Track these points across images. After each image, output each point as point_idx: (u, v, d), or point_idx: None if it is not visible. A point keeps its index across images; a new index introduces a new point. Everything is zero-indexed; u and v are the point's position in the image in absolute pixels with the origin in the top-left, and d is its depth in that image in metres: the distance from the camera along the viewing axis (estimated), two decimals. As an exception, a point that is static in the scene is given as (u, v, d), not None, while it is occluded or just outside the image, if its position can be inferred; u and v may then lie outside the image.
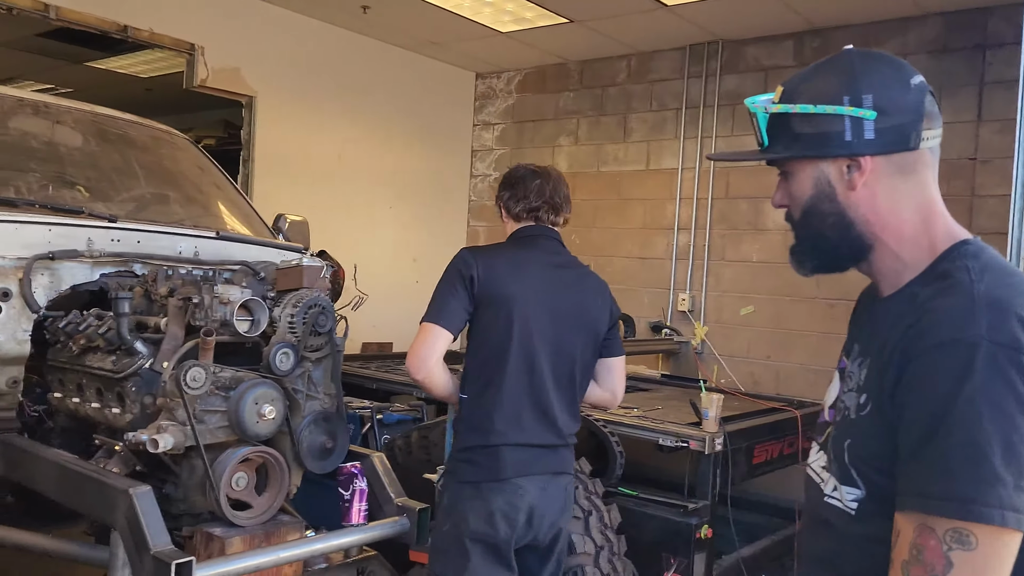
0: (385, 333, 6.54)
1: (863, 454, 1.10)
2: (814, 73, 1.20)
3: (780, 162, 1.22)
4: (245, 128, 5.58)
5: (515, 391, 2.31)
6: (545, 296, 2.37)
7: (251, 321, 2.35)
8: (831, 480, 1.17)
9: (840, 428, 1.16)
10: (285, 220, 3.63)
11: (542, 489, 2.31)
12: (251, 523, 2.25)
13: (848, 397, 1.16)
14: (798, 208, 1.21)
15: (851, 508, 1.12)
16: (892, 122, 1.13)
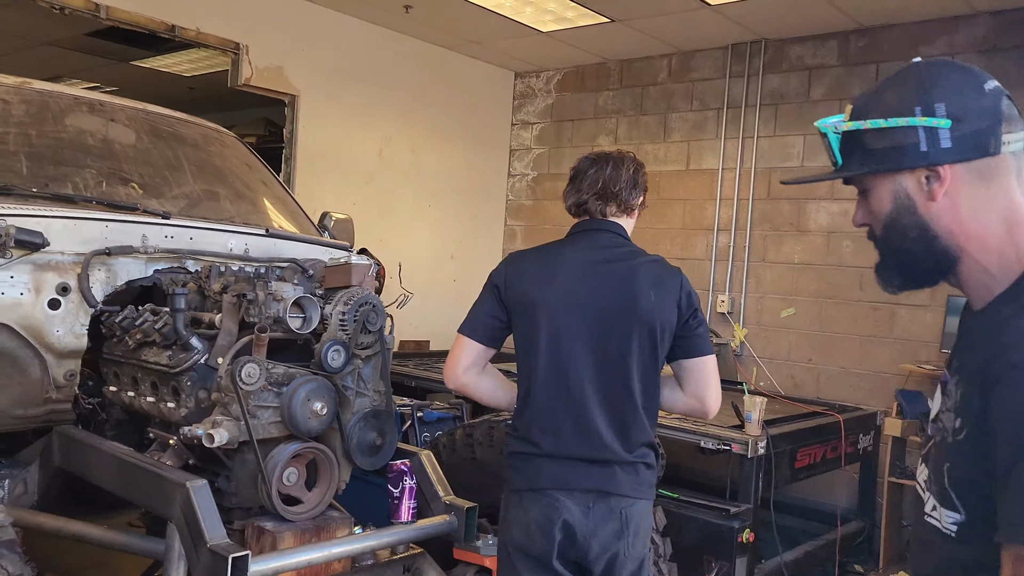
0: (423, 331, 6.57)
1: (961, 478, 1.07)
2: (883, 88, 1.18)
3: (857, 180, 1.20)
4: (288, 126, 5.63)
5: (548, 400, 2.18)
6: (580, 296, 2.19)
7: (303, 318, 2.37)
8: (931, 499, 1.14)
9: (939, 449, 1.13)
10: (331, 218, 3.66)
11: (586, 508, 2.12)
12: (301, 518, 2.27)
13: (946, 417, 1.12)
14: (879, 224, 1.19)
15: (951, 530, 1.09)
16: (968, 129, 1.10)
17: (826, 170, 1.27)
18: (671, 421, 3.97)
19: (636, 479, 2.16)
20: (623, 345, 2.15)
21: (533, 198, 7.06)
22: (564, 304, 2.19)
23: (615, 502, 2.13)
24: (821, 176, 1.26)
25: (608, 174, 2.29)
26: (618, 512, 2.13)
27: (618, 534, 2.12)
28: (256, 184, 3.43)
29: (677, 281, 2.22)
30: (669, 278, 2.22)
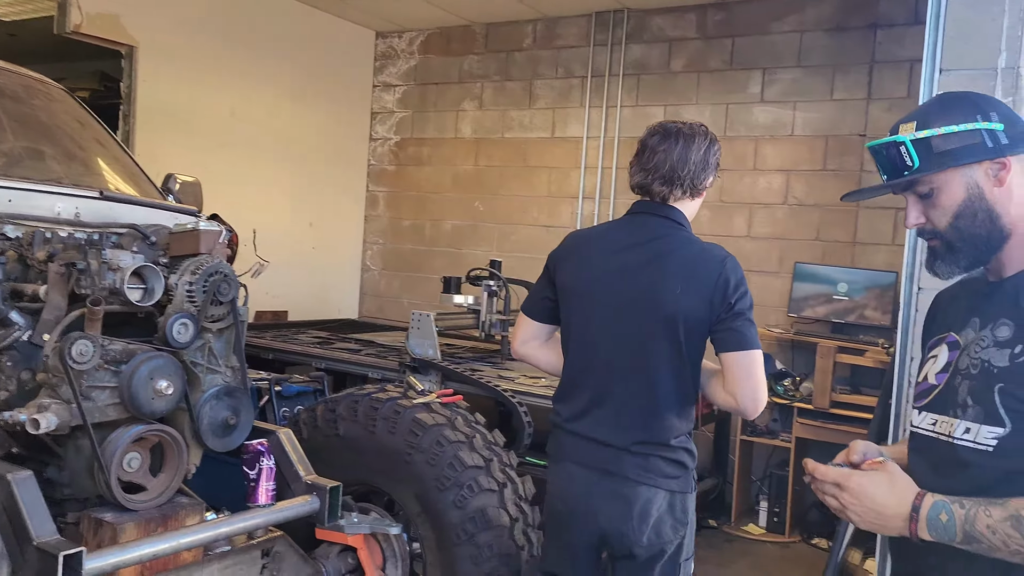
0: (281, 301, 6.29)
1: (1018, 392, 1.29)
2: (939, 105, 1.46)
3: (924, 181, 1.41)
4: (125, 80, 5.19)
5: (578, 382, 2.23)
6: (610, 284, 2.17)
7: (144, 289, 2.16)
8: (960, 425, 1.37)
9: (982, 379, 1.35)
10: (176, 181, 3.38)
11: (591, 484, 2.15)
12: (145, 507, 2.08)
13: (987, 354, 1.36)
14: (948, 216, 1.41)
15: (989, 445, 1.31)
16: (1018, 130, 1.39)
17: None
18: (538, 389, 3.97)
19: (645, 465, 2.13)
20: (645, 338, 2.13)
21: (396, 163, 6.88)
22: (593, 291, 2.20)
23: (618, 483, 2.13)
24: (894, 184, 1.46)
25: (677, 154, 2.17)
26: (618, 493, 2.13)
27: (623, 515, 2.12)
28: (89, 143, 3.10)
29: (715, 272, 2.10)
30: (706, 269, 2.12)
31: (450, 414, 2.81)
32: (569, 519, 2.21)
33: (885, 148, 1.44)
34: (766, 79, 5.34)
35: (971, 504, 1.25)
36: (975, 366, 1.38)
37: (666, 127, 2.24)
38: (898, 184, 1.45)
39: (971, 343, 1.41)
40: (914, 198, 1.45)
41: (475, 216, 6.49)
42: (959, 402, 1.39)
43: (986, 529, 1.23)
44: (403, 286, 6.84)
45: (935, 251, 1.46)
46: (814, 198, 5.18)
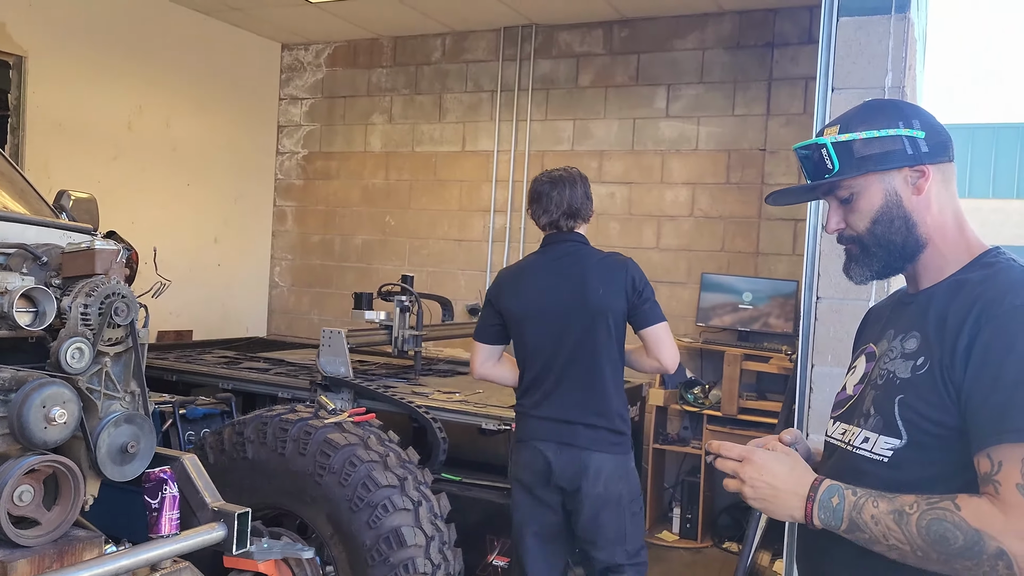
0: (185, 320, 6.08)
1: (917, 404, 1.30)
2: (863, 111, 1.44)
3: (844, 186, 1.42)
4: (13, 91, 4.93)
5: (537, 378, 2.83)
6: (547, 299, 2.81)
7: (35, 313, 2.04)
8: (860, 434, 1.39)
9: (885, 390, 1.37)
10: (69, 197, 3.21)
11: (556, 453, 2.76)
12: (39, 542, 1.96)
13: (893, 365, 1.38)
14: (866, 220, 1.41)
15: (884, 456, 1.34)
16: (938, 139, 1.39)
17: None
18: (452, 405, 3.95)
19: (594, 435, 2.75)
20: (583, 334, 2.76)
21: (304, 177, 6.75)
22: (537, 307, 2.83)
23: (575, 452, 2.74)
24: (816, 186, 1.45)
25: (568, 195, 2.83)
26: (577, 458, 2.73)
27: (579, 474, 2.73)
28: (-29, 157, 2.93)
29: (622, 272, 2.78)
30: (616, 271, 2.79)
31: (363, 433, 2.76)
32: (536, 482, 2.80)
33: (809, 150, 1.43)
34: (671, 94, 5.49)
35: (863, 493, 1.27)
36: (881, 376, 1.39)
37: (552, 175, 2.89)
38: (819, 187, 1.44)
39: (883, 354, 1.43)
40: (835, 203, 1.45)
41: (386, 230, 6.43)
42: (863, 411, 1.40)
43: (870, 519, 1.25)
44: (313, 302, 6.70)
45: (851, 255, 1.46)
46: (718, 210, 5.35)
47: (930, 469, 1.28)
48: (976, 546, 1.16)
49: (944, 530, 1.18)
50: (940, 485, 1.26)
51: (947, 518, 1.19)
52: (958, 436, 1.25)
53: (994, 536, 1.16)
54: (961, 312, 1.28)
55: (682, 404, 4.97)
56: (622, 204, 5.61)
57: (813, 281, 2.89)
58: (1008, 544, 1.15)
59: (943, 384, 1.27)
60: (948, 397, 1.26)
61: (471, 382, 4.74)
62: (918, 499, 1.23)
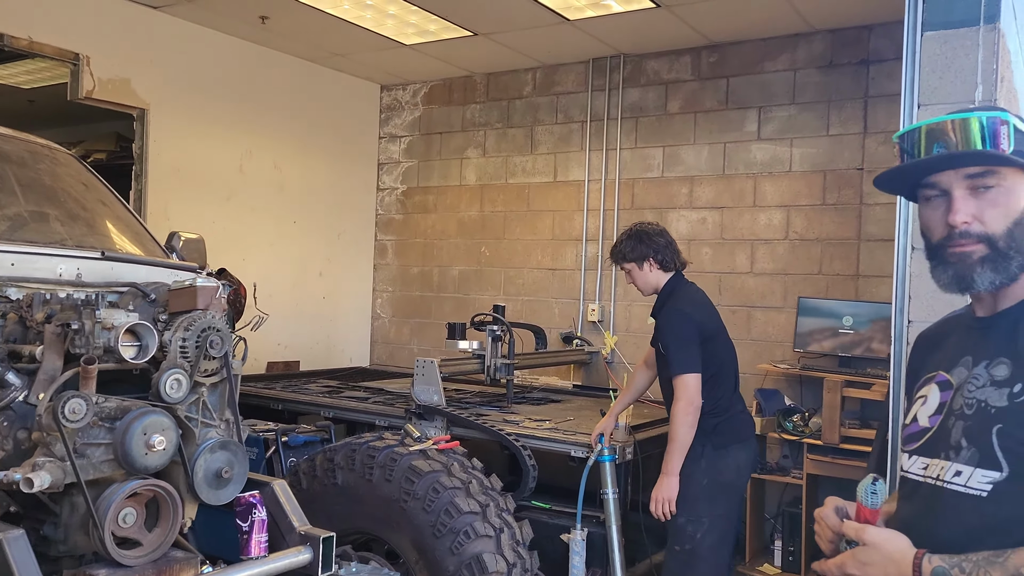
0: (292, 352, 6.36)
1: (1018, 434, 1.23)
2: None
3: (1001, 174, 1.29)
4: (137, 141, 5.34)
5: (733, 386, 3.64)
6: (714, 312, 3.68)
7: (139, 347, 2.22)
8: (951, 468, 1.30)
9: (977, 420, 1.29)
10: (179, 238, 3.46)
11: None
12: (140, 562, 2.11)
13: (982, 393, 1.30)
14: (1009, 220, 1.29)
15: (983, 490, 1.25)
16: None
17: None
18: (543, 433, 3.98)
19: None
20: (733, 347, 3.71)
21: (403, 212, 6.99)
22: (718, 324, 3.61)
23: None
24: (963, 154, 1.29)
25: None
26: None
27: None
28: (93, 204, 3.20)
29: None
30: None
31: (446, 460, 2.83)
32: (746, 482, 3.72)
33: (981, 122, 1.28)
34: (762, 117, 5.40)
35: (970, 567, 1.17)
36: (970, 406, 1.30)
37: (658, 226, 3.80)
38: (960, 161, 1.29)
39: (964, 382, 1.33)
40: (968, 192, 1.30)
41: (481, 261, 6.55)
42: (952, 444, 1.32)
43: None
44: (413, 332, 6.89)
45: (971, 256, 1.31)
46: (815, 232, 5.20)
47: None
48: None
49: None
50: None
51: None
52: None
53: None
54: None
55: (780, 432, 4.82)
56: (713, 229, 5.53)
57: (904, 304, 2.78)
58: None
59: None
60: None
61: (561, 409, 4.76)
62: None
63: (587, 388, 5.65)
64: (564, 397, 5.30)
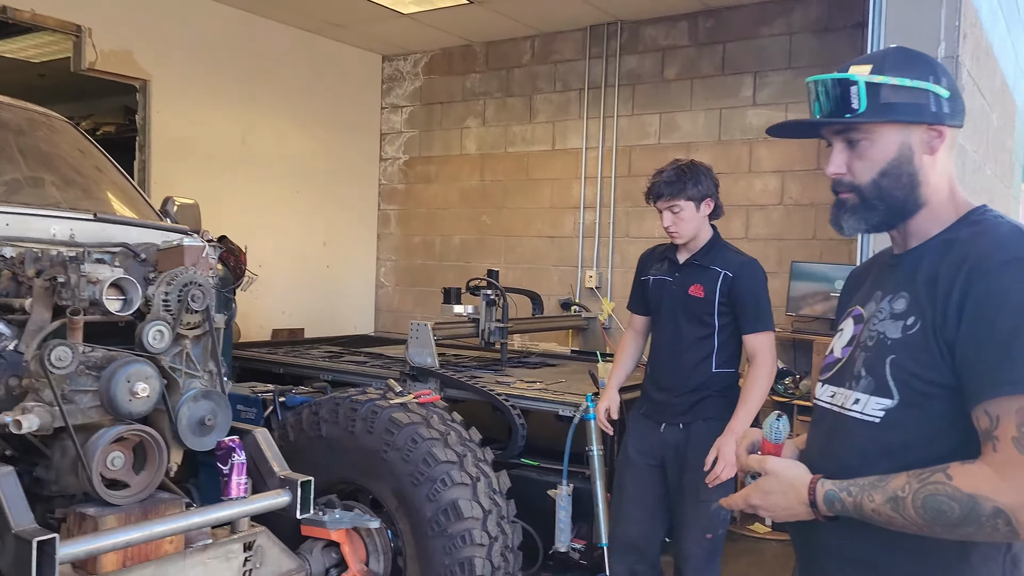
0: (297, 320, 6.49)
1: (909, 364, 1.30)
2: (897, 56, 1.38)
3: (861, 129, 1.36)
4: (140, 113, 5.45)
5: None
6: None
7: (124, 300, 2.33)
8: (851, 396, 1.38)
9: (876, 351, 1.36)
10: (174, 203, 3.56)
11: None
12: (127, 502, 2.24)
13: (882, 326, 1.37)
14: (873, 171, 1.37)
15: (876, 417, 1.33)
16: (958, 103, 1.37)
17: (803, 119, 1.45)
18: (532, 393, 4.08)
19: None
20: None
21: (406, 182, 7.07)
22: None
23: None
24: (833, 121, 1.38)
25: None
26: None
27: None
28: (89, 170, 3.31)
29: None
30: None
31: (425, 413, 2.94)
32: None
33: (831, 84, 1.36)
34: (758, 82, 5.41)
35: (857, 491, 1.26)
36: (871, 338, 1.38)
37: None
38: (837, 123, 1.37)
39: (872, 316, 1.41)
40: (842, 145, 1.39)
41: (482, 230, 6.63)
42: (854, 373, 1.39)
43: (872, 513, 1.25)
44: (416, 301, 7.00)
45: (845, 204, 1.41)
46: (809, 197, 5.23)
47: (922, 428, 1.28)
48: (973, 511, 1.16)
49: (939, 504, 1.18)
50: (932, 444, 1.27)
51: (940, 491, 1.18)
52: (950, 394, 1.26)
53: (988, 496, 1.15)
54: (952, 270, 1.27)
55: (771, 395, 4.88)
56: (710, 195, 5.57)
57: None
58: (1003, 500, 1.14)
59: (935, 342, 1.27)
60: (940, 355, 1.26)
61: (555, 372, 4.85)
62: (909, 478, 1.22)
63: (584, 353, 5.73)
64: (560, 361, 5.38)
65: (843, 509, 1.28)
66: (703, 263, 3.01)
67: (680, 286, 3.02)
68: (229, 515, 2.34)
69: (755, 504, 1.38)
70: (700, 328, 2.96)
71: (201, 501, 2.79)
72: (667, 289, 3.07)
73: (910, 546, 1.28)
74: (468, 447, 2.90)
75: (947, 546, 1.25)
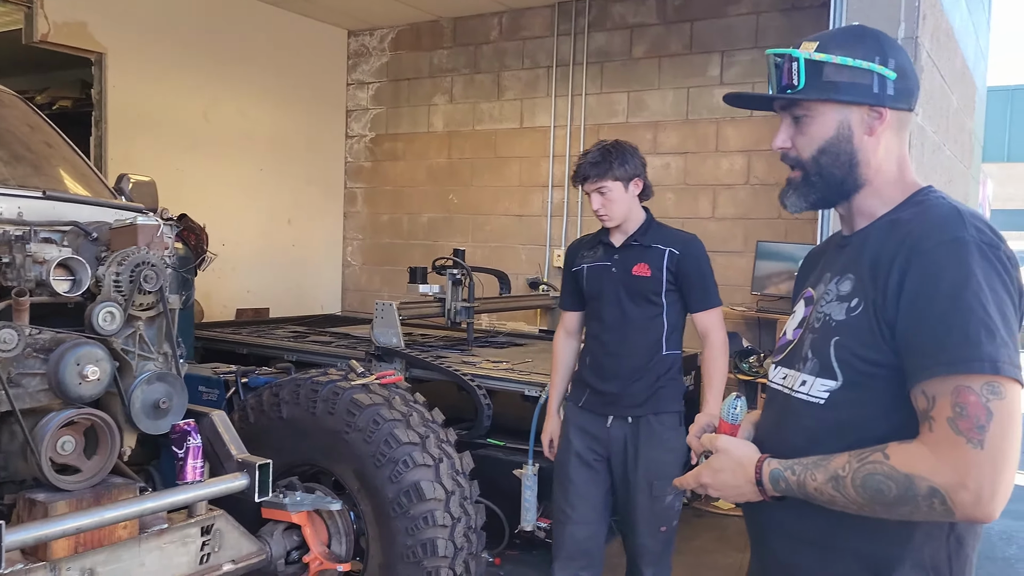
0: (261, 299, 6.41)
1: (852, 346, 1.31)
2: (845, 34, 1.40)
3: (802, 105, 1.37)
4: (96, 87, 5.31)
5: None
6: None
7: (72, 281, 2.26)
8: (799, 378, 1.39)
9: (821, 333, 1.37)
10: (128, 180, 3.46)
11: None
12: (78, 487, 2.19)
13: (829, 308, 1.37)
14: (813, 147, 1.39)
15: (821, 398, 1.34)
16: (906, 85, 1.36)
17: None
18: (498, 373, 4.07)
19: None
20: None
21: (373, 159, 6.98)
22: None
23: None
24: (774, 96, 1.40)
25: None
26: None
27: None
28: (38, 146, 3.20)
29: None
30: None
31: (387, 394, 2.91)
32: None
33: (780, 59, 1.38)
34: (725, 61, 5.40)
35: (800, 469, 1.28)
36: (819, 320, 1.39)
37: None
38: (777, 99, 1.40)
39: (820, 297, 1.42)
40: (789, 120, 1.41)
41: (449, 208, 6.58)
42: (802, 355, 1.40)
43: (814, 491, 1.26)
44: (384, 280, 6.94)
45: (791, 182, 1.43)
46: (775, 177, 5.24)
47: (865, 409, 1.29)
48: (909, 491, 1.17)
49: (877, 483, 1.20)
50: (874, 424, 1.28)
51: (877, 470, 1.20)
52: (892, 375, 1.26)
53: (923, 476, 1.16)
54: (892, 250, 1.28)
55: (737, 373, 4.92)
56: (677, 174, 5.57)
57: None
58: (938, 480, 1.15)
59: (877, 323, 1.27)
60: (882, 336, 1.27)
61: (522, 352, 4.85)
62: (850, 458, 1.23)
63: (552, 332, 5.72)
64: (528, 341, 5.37)
65: (787, 488, 1.30)
66: (643, 242, 2.88)
67: (621, 268, 2.87)
68: (184, 499, 2.30)
69: (705, 483, 1.39)
70: (648, 308, 2.84)
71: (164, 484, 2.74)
72: (607, 274, 2.89)
73: (857, 525, 1.28)
74: (430, 428, 2.88)
75: (892, 525, 1.26)
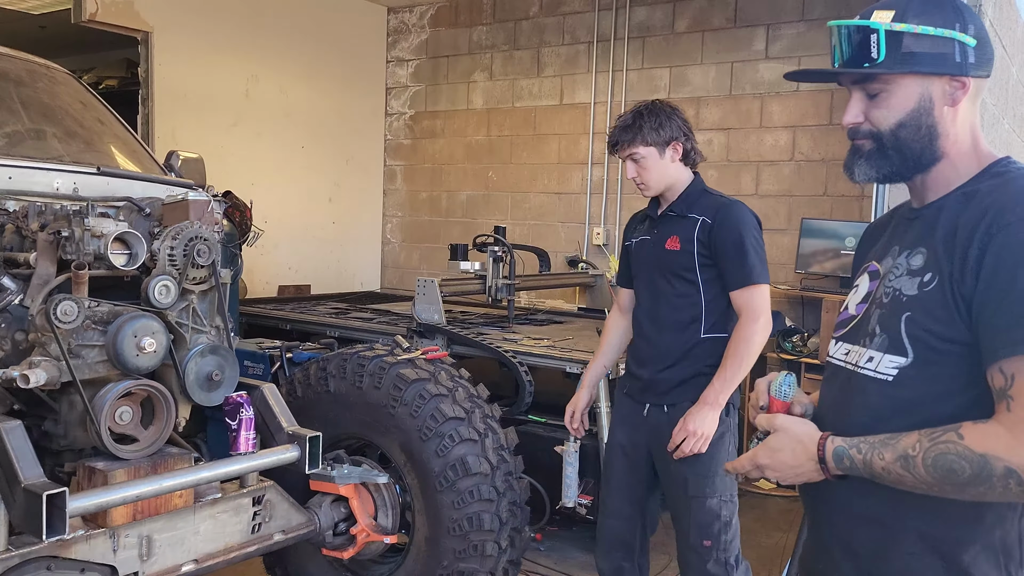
0: (303, 276, 6.48)
1: (925, 321, 1.27)
2: (922, 2, 1.31)
3: (880, 78, 1.31)
4: (143, 65, 5.38)
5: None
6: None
7: (129, 254, 2.31)
8: (865, 354, 1.35)
9: (891, 308, 1.33)
10: (178, 157, 3.51)
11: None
12: (136, 456, 2.24)
13: (898, 282, 1.34)
14: (892, 120, 1.33)
15: (889, 375, 1.30)
16: (985, 53, 1.31)
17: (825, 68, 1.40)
18: (539, 350, 4.07)
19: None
20: None
21: (412, 137, 6.99)
22: None
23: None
24: (851, 71, 1.34)
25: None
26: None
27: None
28: (91, 122, 3.26)
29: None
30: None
31: (433, 369, 2.92)
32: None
33: (852, 31, 1.31)
34: (770, 35, 5.30)
35: (867, 448, 1.25)
36: (887, 295, 1.35)
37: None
38: (854, 74, 1.33)
39: (888, 271, 1.37)
40: (861, 94, 1.35)
41: (488, 186, 6.58)
42: (868, 331, 1.36)
43: (882, 471, 1.23)
44: (422, 257, 6.97)
45: (860, 151, 1.37)
46: (820, 153, 5.15)
47: (935, 387, 1.26)
48: (984, 471, 1.14)
49: (950, 463, 1.16)
50: (944, 402, 1.24)
51: (951, 450, 1.17)
52: (966, 352, 1.22)
53: (999, 456, 1.13)
54: (971, 223, 1.23)
55: (779, 353, 4.88)
56: (719, 151, 5.50)
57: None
58: (1016, 460, 1.12)
59: (952, 299, 1.23)
60: (957, 312, 1.22)
61: (563, 329, 4.85)
62: (920, 437, 1.20)
63: (591, 311, 5.72)
64: (567, 319, 5.37)
65: (852, 466, 1.26)
66: (680, 212, 2.59)
67: (658, 242, 2.61)
68: (238, 470, 2.35)
69: (762, 464, 1.36)
70: (681, 286, 2.55)
71: (210, 456, 2.79)
72: (645, 248, 2.67)
73: (921, 504, 1.26)
74: (476, 403, 2.89)
75: (960, 505, 1.23)
